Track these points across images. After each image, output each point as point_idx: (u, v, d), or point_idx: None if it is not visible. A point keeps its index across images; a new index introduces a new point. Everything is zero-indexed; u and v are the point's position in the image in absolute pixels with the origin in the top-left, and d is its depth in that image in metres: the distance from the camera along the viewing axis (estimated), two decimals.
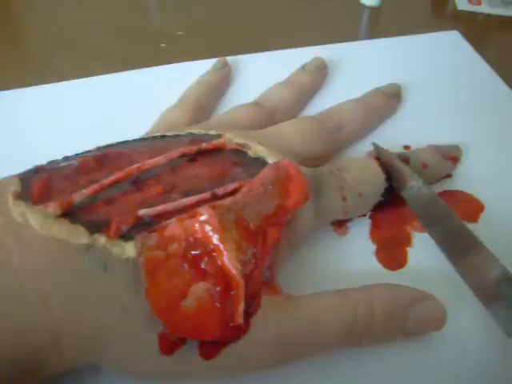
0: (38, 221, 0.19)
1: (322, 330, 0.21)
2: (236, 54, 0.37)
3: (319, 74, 0.34)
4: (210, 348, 0.20)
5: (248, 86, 0.35)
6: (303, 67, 0.34)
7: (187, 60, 0.36)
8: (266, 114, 0.30)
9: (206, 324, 0.19)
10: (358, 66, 0.36)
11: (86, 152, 0.24)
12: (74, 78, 0.35)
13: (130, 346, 0.20)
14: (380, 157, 0.27)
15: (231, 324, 0.19)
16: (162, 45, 0.39)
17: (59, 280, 0.18)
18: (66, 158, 0.23)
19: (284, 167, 0.23)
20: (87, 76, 0.35)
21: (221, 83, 0.34)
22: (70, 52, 0.39)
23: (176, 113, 0.30)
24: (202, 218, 0.20)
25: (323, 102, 0.33)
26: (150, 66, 0.36)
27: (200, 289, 0.19)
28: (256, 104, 0.31)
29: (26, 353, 0.18)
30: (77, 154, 0.24)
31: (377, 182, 0.26)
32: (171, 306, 0.19)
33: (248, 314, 0.20)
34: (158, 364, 0.20)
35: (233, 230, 0.20)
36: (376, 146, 0.28)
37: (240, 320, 0.19)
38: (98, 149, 0.24)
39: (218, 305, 0.19)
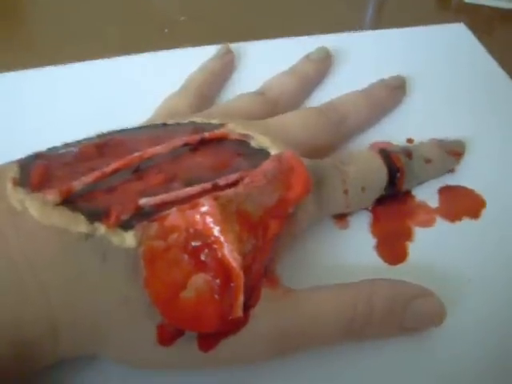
0: (37, 208, 0.18)
1: (321, 325, 0.21)
2: (239, 40, 0.36)
3: (323, 64, 0.33)
4: (208, 340, 0.20)
5: (251, 74, 0.34)
6: (307, 57, 0.33)
7: (190, 46, 0.36)
8: (269, 104, 0.30)
9: (204, 316, 0.19)
10: (362, 57, 0.36)
11: (86, 139, 0.24)
12: (74, 63, 0.34)
13: (128, 336, 0.19)
14: None
15: (230, 316, 0.19)
16: (165, 30, 0.38)
17: (58, 269, 0.18)
18: (66, 145, 0.23)
19: (286, 159, 0.23)
20: (92, 58, 0.34)
21: (224, 70, 0.33)
22: (72, 36, 0.38)
23: (178, 100, 0.30)
24: (204, 208, 0.19)
25: (326, 93, 0.33)
26: (152, 51, 0.35)
27: (199, 280, 0.19)
28: (259, 93, 0.30)
29: (24, 343, 0.18)
30: (77, 141, 0.23)
31: (379, 176, 0.26)
32: (170, 297, 0.19)
33: (247, 307, 0.20)
34: (155, 355, 0.20)
35: (234, 222, 0.20)
36: None
37: (239, 312, 0.19)
38: (99, 136, 0.24)
39: (217, 296, 0.19)
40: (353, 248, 0.26)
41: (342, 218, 0.27)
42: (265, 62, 0.35)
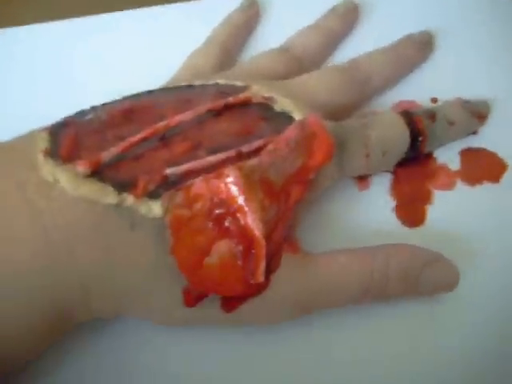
0: (68, 180, 0.19)
1: (337, 291, 0.22)
2: None
3: (349, 18, 0.32)
4: (230, 302, 0.21)
5: (275, 26, 0.33)
6: (333, 10, 0.32)
7: None
8: (294, 61, 0.29)
9: (227, 281, 0.20)
10: (388, 8, 0.34)
11: (112, 102, 0.24)
12: (91, 14, 0.34)
13: (154, 298, 0.21)
14: None
15: (252, 281, 0.20)
16: None
17: (88, 239, 0.19)
18: (93, 109, 0.23)
19: (309, 125, 0.23)
20: (107, 11, 0.34)
21: (249, 23, 0.33)
22: None
23: (202, 57, 0.30)
24: (228, 179, 0.20)
25: (353, 46, 0.32)
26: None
27: (222, 247, 0.20)
28: (283, 50, 0.30)
29: (60, 308, 0.19)
30: (103, 105, 0.24)
31: (401, 140, 0.26)
32: (195, 263, 0.20)
33: (268, 271, 0.21)
34: (180, 314, 0.21)
35: (257, 191, 0.20)
36: None
37: (261, 278, 0.20)
38: (125, 98, 0.24)
39: (239, 262, 0.20)
40: (372, 209, 0.27)
41: (363, 178, 0.28)
42: (288, 12, 0.34)
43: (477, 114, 0.29)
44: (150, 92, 0.25)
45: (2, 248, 0.19)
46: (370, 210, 0.27)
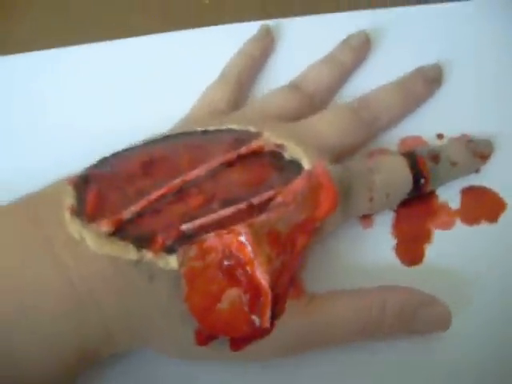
0: (93, 239, 0.21)
1: (338, 331, 0.24)
2: (285, 12, 0.35)
3: (362, 51, 0.33)
4: (238, 342, 0.23)
5: (287, 53, 0.34)
6: (347, 43, 0.33)
7: (233, 19, 0.35)
8: (306, 98, 0.30)
9: (236, 324, 0.22)
10: (397, 38, 0.35)
11: (131, 149, 0.26)
12: (110, 38, 0.34)
13: (169, 339, 0.23)
14: None
15: (258, 326, 0.22)
16: (206, 1, 0.38)
17: (111, 290, 0.21)
18: (114, 156, 0.25)
19: (316, 176, 0.24)
20: (124, 36, 0.34)
21: (264, 54, 0.34)
22: (108, 9, 0.38)
23: (218, 91, 0.31)
24: (240, 236, 0.22)
25: (361, 75, 0.33)
26: (191, 24, 0.35)
27: (232, 294, 0.22)
28: (294, 87, 0.31)
29: (86, 348, 0.22)
30: (124, 151, 0.26)
31: (405, 183, 0.27)
32: (207, 309, 0.22)
33: (274, 315, 0.23)
34: (193, 352, 0.23)
35: (265, 244, 0.22)
36: None
37: (266, 324, 0.22)
38: (143, 143, 0.26)
39: (246, 309, 0.22)
40: (374, 248, 0.28)
41: (366, 216, 0.29)
42: (299, 40, 0.35)
43: (479, 154, 0.30)
44: (165, 138, 0.27)
45: (30, 296, 0.21)
46: (371, 249, 0.28)
